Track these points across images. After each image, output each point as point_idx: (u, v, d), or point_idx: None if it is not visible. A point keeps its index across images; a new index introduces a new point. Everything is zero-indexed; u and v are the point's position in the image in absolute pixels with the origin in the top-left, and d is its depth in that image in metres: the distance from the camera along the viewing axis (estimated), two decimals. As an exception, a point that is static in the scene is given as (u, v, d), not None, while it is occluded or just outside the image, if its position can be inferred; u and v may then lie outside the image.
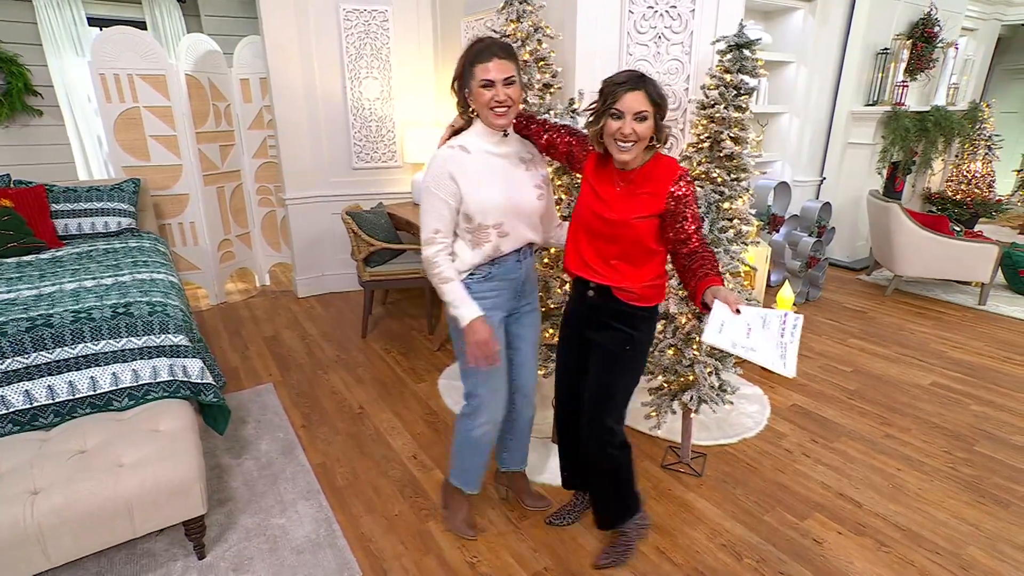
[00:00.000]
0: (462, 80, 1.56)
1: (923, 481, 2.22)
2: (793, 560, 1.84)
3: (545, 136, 1.68)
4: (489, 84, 1.50)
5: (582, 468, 1.91)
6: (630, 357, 1.64)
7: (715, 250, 2.01)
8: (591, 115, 1.50)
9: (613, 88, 1.44)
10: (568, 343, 1.78)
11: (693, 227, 1.50)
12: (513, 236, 1.64)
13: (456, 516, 1.95)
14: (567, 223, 1.78)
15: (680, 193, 1.47)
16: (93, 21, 4.49)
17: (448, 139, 1.65)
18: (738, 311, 1.35)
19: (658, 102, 1.44)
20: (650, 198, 1.49)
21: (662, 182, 1.48)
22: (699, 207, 1.55)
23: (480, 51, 1.52)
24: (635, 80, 1.43)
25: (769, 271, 4.35)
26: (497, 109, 1.52)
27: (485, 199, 1.56)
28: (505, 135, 1.62)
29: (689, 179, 1.50)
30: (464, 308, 1.58)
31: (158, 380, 2.02)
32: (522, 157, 1.67)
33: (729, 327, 1.34)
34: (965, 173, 5.61)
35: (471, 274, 1.64)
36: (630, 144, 1.44)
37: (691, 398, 2.12)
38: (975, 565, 1.82)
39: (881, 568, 1.80)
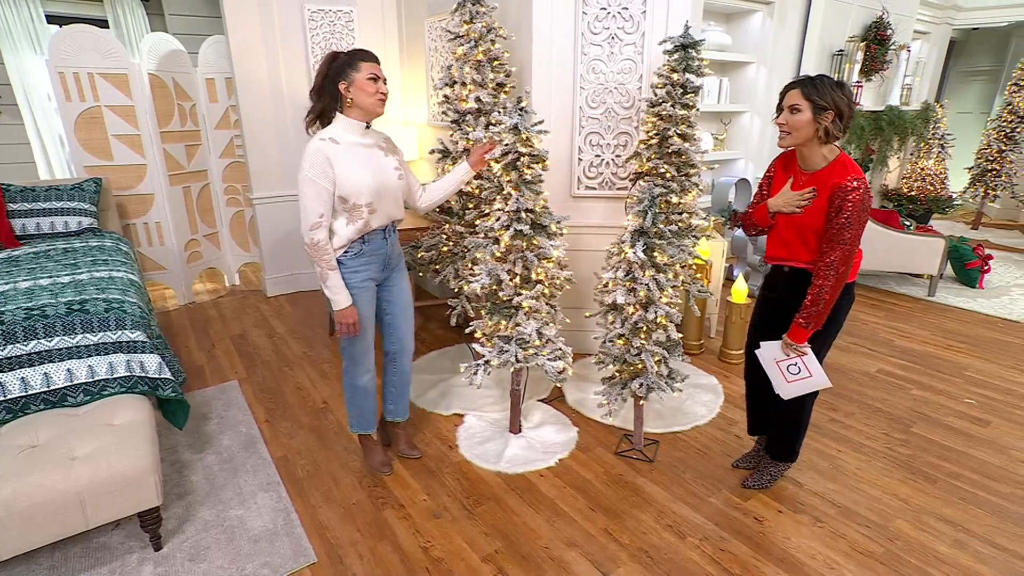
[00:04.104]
0: (340, 73, 1.79)
1: (861, 461, 2.33)
2: (734, 537, 1.93)
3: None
4: (375, 78, 1.80)
5: (766, 417, 2.17)
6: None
7: (660, 243, 2.10)
8: (776, 113, 1.79)
9: (783, 90, 1.73)
10: (761, 306, 2.04)
11: (838, 241, 1.66)
12: (380, 213, 1.91)
13: (373, 458, 2.27)
14: (430, 184, 2.16)
15: (839, 194, 1.65)
16: (52, 19, 4.43)
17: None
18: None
19: (813, 98, 1.65)
20: (819, 196, 1.71)
21: (832, 182, 1.68)
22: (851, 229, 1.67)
23: (365, 53, 1.82)
24: (798, 80, 1.70)
25: (732, 266, 4.48)
26: (381, 100, 1.83)
27: (359, 182, 1.81)
28: (368, 127, 1.88)
29: (856, 186, 1.62)
30: (340, 295, 1.90)
31: (115, 376, 2.04)
32: (380, 145, 1.93)
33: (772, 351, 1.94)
34: (919, 171, 5.83)
35: (345, 251, 1.90)
36: (785, 135, 1.72)
37: (640, 386, 2.20)
38: (900, 536, 1.93)
39: (814, 542, 1.90)
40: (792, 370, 1.88)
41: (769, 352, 1.93)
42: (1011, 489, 2.16)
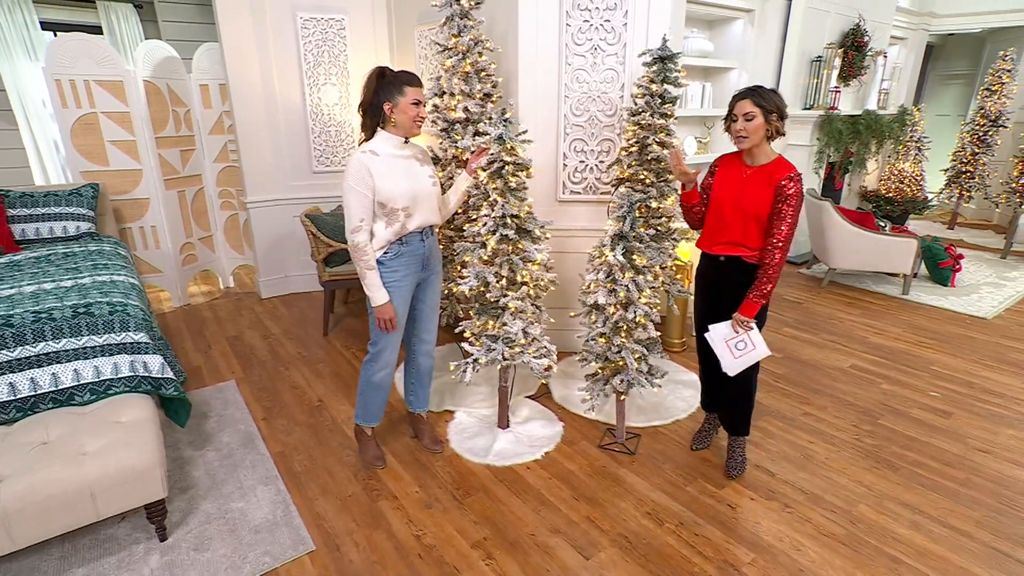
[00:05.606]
0: (387, 94, 1.96)
1: (830, 451, 2.47)
2: (708, 523, 2.06)
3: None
4: (418, 103, 1.98)
5: (720, 394, 2.36)
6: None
7: (639, 246, 2.22)
8: (725, 122, 2.02)
9: (731, 101, 1.97)
10: (703, 293, 2.25)
11: (784, 225, 1.92)
12: (417, 216, 2.08)
13: (367, 452, 2.37)
14: (447, 193, 2.30)
15: (785, 187, 1.91)
16: (47, 25, 4.49)
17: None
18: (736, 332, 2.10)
19: (762, 104, 1.90)
20: (766, 187, 1.95)
21: (776, 177, 1.93)
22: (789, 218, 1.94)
23: (411, 77, 1.98)
24: (744, 91, 1.95)
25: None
26: (419, 122, 2.01)
27: (395, 188, 1.99)
28: (406, 142, 2.06)
29: (796, 179, 1.91)
30: (378, 292, 2.06)
31: (119, 376, 2.13)
32: (417, 157, 2.11)
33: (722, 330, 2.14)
34: (896, 172, 6.00)
35: (385, 252, 2.06)
36: (743, 139, 1.94)
37: (621, 382, 2.33)
38: (862, 519, 2.07)
39: (783, 526, 2.04)
40: (739, 346, 2.10)
41: (719, 333, 2.13)
42: (966, 475, 2.31)
